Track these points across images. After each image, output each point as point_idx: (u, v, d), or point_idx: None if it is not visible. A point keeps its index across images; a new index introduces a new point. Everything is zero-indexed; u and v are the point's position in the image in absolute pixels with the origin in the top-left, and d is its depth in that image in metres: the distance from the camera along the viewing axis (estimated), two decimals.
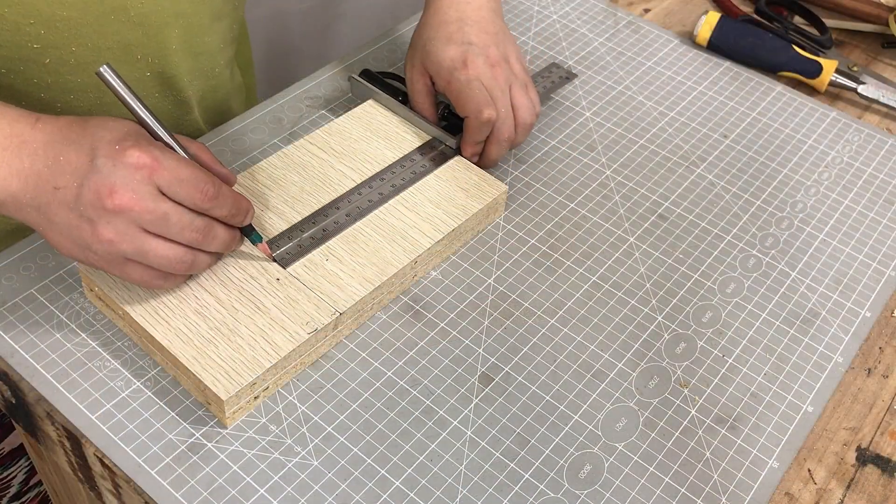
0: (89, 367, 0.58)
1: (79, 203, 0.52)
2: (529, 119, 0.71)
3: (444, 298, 0.65)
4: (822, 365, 0.64)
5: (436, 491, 0.54)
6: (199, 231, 0.55)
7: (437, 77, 0.71)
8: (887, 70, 0.92)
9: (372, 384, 0.59)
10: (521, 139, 0.72)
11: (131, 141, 0.53)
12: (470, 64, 0.69)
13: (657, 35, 0.93)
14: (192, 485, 0.53)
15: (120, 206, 0.52)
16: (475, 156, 0.72)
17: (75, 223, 0.53)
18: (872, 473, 0.59)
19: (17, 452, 0.98)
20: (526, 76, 0.73)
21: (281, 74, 1.38)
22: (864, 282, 0.70)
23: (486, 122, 0.69)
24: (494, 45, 0.71)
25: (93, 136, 0.53)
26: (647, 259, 0.69)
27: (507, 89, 0.70)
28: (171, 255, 0.55)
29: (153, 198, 0.53)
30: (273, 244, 0.63)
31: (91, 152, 0.52)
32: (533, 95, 0.72)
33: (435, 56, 0.70)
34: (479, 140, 0.70)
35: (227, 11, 0.74)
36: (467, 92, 0.68)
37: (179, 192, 0.54)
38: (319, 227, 0.65)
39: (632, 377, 0.61)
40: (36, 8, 0.61)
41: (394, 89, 0.76)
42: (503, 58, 0.71)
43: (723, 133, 0.82)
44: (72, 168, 0.52)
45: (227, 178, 0.59)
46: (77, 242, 0.53)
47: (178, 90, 0.73)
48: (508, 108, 0.70)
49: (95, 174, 0.52)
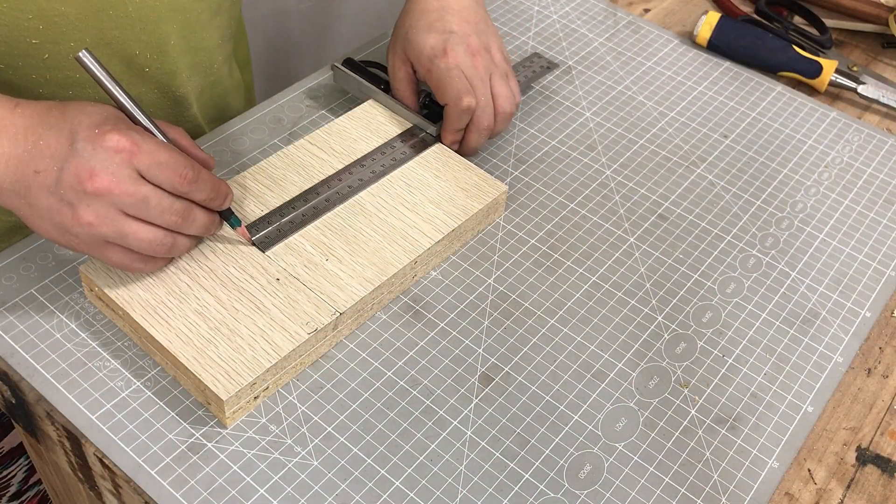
0: (89, 367, 0.58)
1: (59, 186, 0.53)
2: (509, 108, 0.72)
3: (444, 298, 0.65)
4: (822, 365, 0.64)
5: (436, 491, 0.54)
6: (178, 214, 0.56)
7: (417, 65, 0.72)
8: (887, 70, 0.92)
9: (372, 384, 0.59)
10: (501, 128, 0.73)
11: (111, 125, 0.54)
12: (450, 52, 0.70)
13: (657, 35, 0.93)
14: (192, 485, 0.53)
15: (100, 189, 0.52)
16: (455, 143, 0.73)
17: (55, 207, 0.53)
18: (872, 473, 0.59)
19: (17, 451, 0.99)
20: (506, 65, 0.74)
21: (280, 73, 1.38)
22: (864, 282, 0.70)
23: (465, 110, 0.69)
24: (475, 34, 0.72)
25: (72, 120, 0.54)
26: (647, 259, 0.69)
27: (488, 78, 0.71)
28: (150, 237, 0.55)
29: (133, 181, 0.53)
30: (252, 228, 0.64)
31: (71, 136, 0.53)
32: (513, 85, 0.73)
33: (416, 44, 0.71)
34: (458, 128, 0.71)
35: (225, 7, 0.74)
36: (447, 80, 0.69)
37: (159, 175, 0.54)
38: (299, 211, 0.65)
39: (632, 377, 0.61)
40: (34, 3, 0.61)
41: (376, 78, 0.77)
42: (484, 47, 0.72)
43: (723, 133, 0.82)
44: (52, 152, 0.53)
45: (205, 162, 0.60)
46: (57, 226, 0.54)
47: (177, 86, 0.73)
48: (488, 97, 0.71)
49: (75, 158, 0.52)
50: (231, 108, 0.85)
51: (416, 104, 0.75)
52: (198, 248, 0.62)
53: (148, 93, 0.72)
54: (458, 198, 0.68)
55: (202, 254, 0.62)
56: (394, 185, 0.68)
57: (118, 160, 0.53)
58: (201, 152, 0.60)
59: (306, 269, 0.62)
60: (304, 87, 0.80)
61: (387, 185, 0.68)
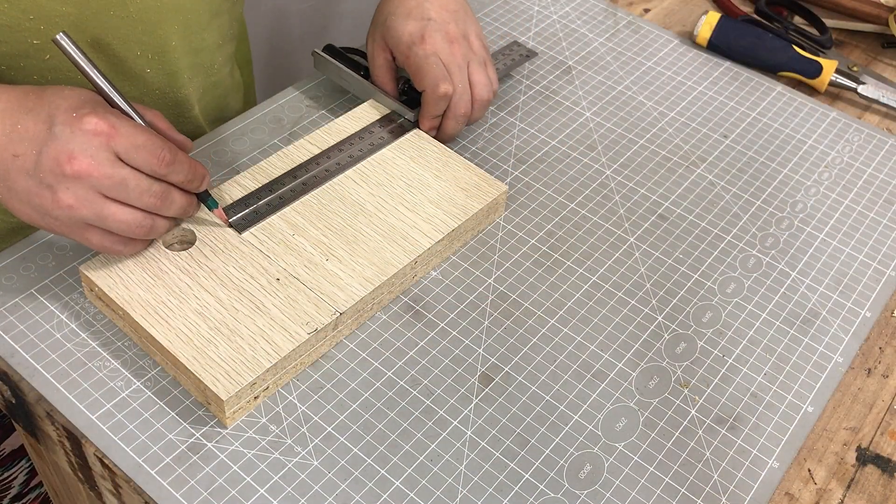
0: (89, 367, 0.58)
1: (38, 170, 0.53)
2: (486, 96, 0.73)
3: (444, 298, 0.65)
4: (822, 365, 0.64)
5: (436, 491, 0.54)
6: (156, 196, 0.56)
7: (396, 51, 0.72)
8: (887, 70, 0.92)
9: (372, 384, 0.59)
10: (479, 115, 0.74)
11: (88, 108, 0.54)
12: (428, 39, 0.70)
13: (657, 35, 0.93)
14: (192, 485, 0.53)
15: (79, 171, 0.53)
16: (433, 130, 0.74)
17: (35, 190, 0.54)
18: (872, 473, 0.59)
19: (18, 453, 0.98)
20: (485, 53, 0.74)
21: (281, 74, 1.38)
22: (864, 282, 0.70)
23: (441, 96, 0.70)
24: (454, 21, 0.73)
25: (50, 104, 0.54)
26: (647, 259, 0.69)
27: (465, 66, 0.72)
28: (130, 219, 0.56)
29: (111, 164, 0.54)
30: (229, 210, 0.64)
31: (48, 120, 0.53)
32: (491, 73, 0.74)
33: (395, 31, 0.72)
34: (435, 114, 0.72)
35: (226, 7, 0.74)
36: (424, 67, 0.70)
37: (137, 158, 0.55)
38: (276, 194, 0.66)
39: (632, 377, 0.61)
40: (36, 4, 0.61)
41: (356, 64, 0.77)
42: (462, 34, 0.73)
43: (723, 133, 0.82)
44: (29, 136, 0.53)
45: (182, 144, 0.61)
46: (37, 209, 0.55)
47: (178, 87, 0.73)
48: (466, 85, 0.71)
49: (54, 141, 0.53)
50: (231, 109, 0.85)
51: (395, 90, 0.75)
52: (198, 248, 0.62)
53: (149, 94, 0.72)
54: (458, 198, 0.68)
55: (202, 254, 0.62)
56: (394, 184, 0.68)
57: (97, 143, 0.53)
58: (178, 134, 0.61)
59: (306, 269, 0.62)
60: (304, 87, 0.80)
61: (387, 185, 0.68)
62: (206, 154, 0.73)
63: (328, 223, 0.65)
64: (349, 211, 0.66)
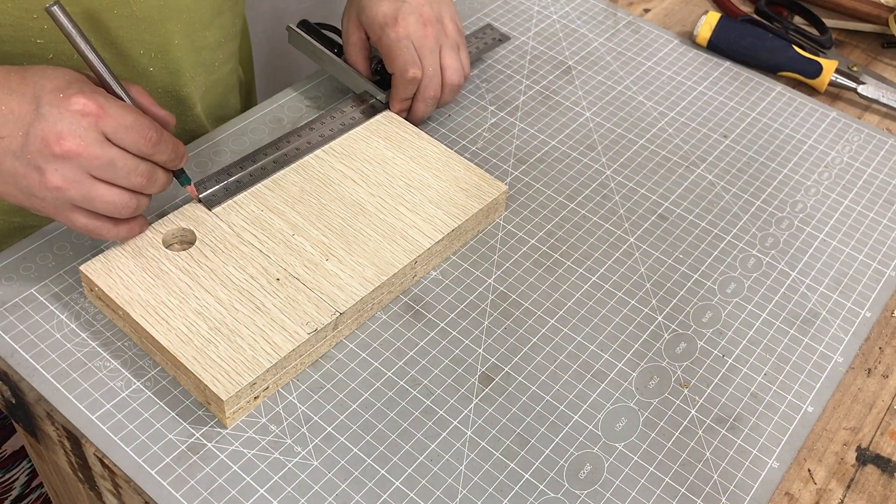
0: (89, 367, 0.58)
1: (25, 151, 0.53)
2: (457, 80, 0.73)
3: (444, 298, 0.65)
4: (822, 365, 0.64)
5: (436, 491, 0.54)
6: (143, 175, 0.57)
7: (369, 31, 0.73)
8: (887, 70, 0.92)
9: (372, 384, 0.59)
10: (448, 98, 0.74)
11: (75, 88, 0.54)
12: (401, 21, 0.70)
13: (657, 35, 0.93)
14: (192, 485, 0.53)
15: (68, 151, 0.53)
16: (403, 112, 0.74)
17: (22, 171, 0.54)
18: (872, 473, 0.59)
19: (19, 455, 0.99)
20: (458, 37, 0.74)
21: (281, 73, 1.38)
22: (864, 282, 0.70)
23: (410, 80, 0.70)
24: (428, 4, 0.72)
25: (34, 84, 0.54)
26: (647, 259, 0.69)
27: (437, 49, 0.72)
28: (117, 200, 0.56)
29: (100, 144, 0.54)
30: (199, 186, 0.65)
31: (35, 100, 0.53)
32: (464, 57, 0.74)
33: (369, 11, 0.72)
34: (405, 97, 0.72)
35: (228, 6, 0.74)
36: (396, 49, 0.70)
37: (125, 138, 0.55)
38: (247, 171, 0.67)
39: (632, 377, 0.61)
40: (39, 2, 0.61)
41: (330, 41, 0.78)
42: (436, 17, 0.73)
43: (723, 133, 0.82)
44: (15, 117, 0.53)
45: (165, 120, 0.61)
46: (24, 190, 0.55)
47: (181, 85, 0.73)
48: (436, 68, 0.72)
49: (41, 122, 0.53)
50: (233, 107, 0.85)
51: (368, 70, 0.75)
52: (198, 248, 0.62)
53: (152, 92, 0.72)
54: (458, 198, 0.68)
55: (202, 254, 0.62)
56: (394, 184, 0.69)
57: (85, 123, 0.53)
58: (161, 110, 0.61)
59: (306, 269, 0.62)
60: (304, 87, 0.80)
61: (387, 185, 0.68)
62: (206, 154, 0.73)
63: (328, 223, 0.65)
64: (349, 211, 0.66)
